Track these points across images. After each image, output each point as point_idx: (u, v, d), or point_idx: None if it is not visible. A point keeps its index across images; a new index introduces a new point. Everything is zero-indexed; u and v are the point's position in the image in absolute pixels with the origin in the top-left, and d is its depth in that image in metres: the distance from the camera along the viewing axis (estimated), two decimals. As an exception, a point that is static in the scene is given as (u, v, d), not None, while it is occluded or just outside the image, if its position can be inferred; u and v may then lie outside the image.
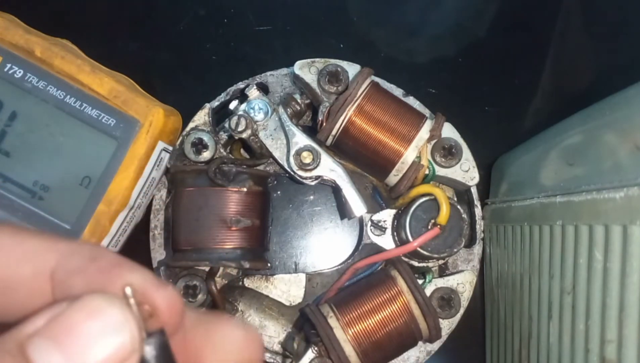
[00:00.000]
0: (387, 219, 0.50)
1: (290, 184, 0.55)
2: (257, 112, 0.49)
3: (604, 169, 0.36)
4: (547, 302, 0.41)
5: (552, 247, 0.41)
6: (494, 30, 0.59)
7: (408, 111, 0.49)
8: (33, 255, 0.22)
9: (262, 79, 0.53)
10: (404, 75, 0.55)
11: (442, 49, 0.59)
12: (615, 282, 0.33)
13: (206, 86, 0.55)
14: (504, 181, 0.53)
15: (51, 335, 0.19)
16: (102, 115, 0.46)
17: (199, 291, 0.48)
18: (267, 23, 0.58)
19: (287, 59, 0.52)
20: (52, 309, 0.20)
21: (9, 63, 0.45)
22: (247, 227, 0.48)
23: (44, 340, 0.19)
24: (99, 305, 0.20)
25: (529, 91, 0.59)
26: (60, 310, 0.20)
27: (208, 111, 0.51)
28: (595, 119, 0.40)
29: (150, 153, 0.47)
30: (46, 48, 0.46)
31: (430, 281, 0.49)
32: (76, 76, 0.46)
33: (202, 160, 0.49)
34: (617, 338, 0.32)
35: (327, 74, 0.49)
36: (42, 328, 0.20)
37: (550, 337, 0.40)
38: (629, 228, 0.32)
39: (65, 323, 0.19)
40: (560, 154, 0.43)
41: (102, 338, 0.19)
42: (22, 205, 0.45)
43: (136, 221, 0.50)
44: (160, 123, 0.47)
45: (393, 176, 0.49)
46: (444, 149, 0.49)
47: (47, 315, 0.20)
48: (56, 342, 0.19)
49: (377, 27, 0.59)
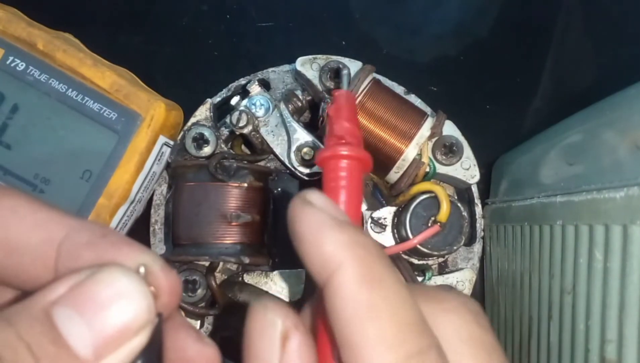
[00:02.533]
0: (387, 217, 0.50)
1: (291, 180, 0.55)
2: (259, 108, 0.49)
3: (604, 169, 0.36)
4: (547, 302, 0.41)
5: (553, 247, 0.41)
6: (496, 29, 0.59)
7: (409, 108, 0.49)
8: (45, 224, 0.23)
9: (263, 75, 0.53)
10: (406, 73, 0.55)
11: (443, 47, 0.59)
12: (615, 282, 0.33)
13: (208, 81, 0.55)
14: (504, 180, 0.53)
15: (74, 303, 0.20)
16: (104, 109, 0.46)
17: (199, 286, 0.48)
18: (269, 19, 0.58)
19: (289, 56, 0.52)
20: (72, 277, 0.21)
21: (11, 56, 0.45)
22: (247, 223, 0.48)
23: (68, 308, 0.20)
24: (120, 277, 0.21)
25: (530, 89, 0.59)
26: (81, 279, 0.21)
27: (209, 106, 0.51)
28: (596, 119, 0.40)
29: (152, 147, 0.47)
30: (48, 41, 0.46)
31: (429, 278, 0.50)
32: (78, 70, 0.46)
33: (203, 155, 0.49)
34: (617, 338, 0.32)
35: (329, 71, 0.49)
36: (64, 296, 0.20)
37: (551, 337, 0.40)
38: (629, 227, 0.32)
39: (88, 292, 0.20)
40: (561, 153, 0.43)
41: (121, 308, 0.20)
42: (23, 198, 0.45)
43: (136, 216, 0.50)
44: (162, 117, 0.47)
45: (394, 174, 0.49)
46: (445, 147, 0.49)
47: (69, 283, 0.21)
48: (80, 310, 0.20)
49: (379, 25, 0.59)
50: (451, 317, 0.24)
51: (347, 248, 0.22)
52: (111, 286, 0.20)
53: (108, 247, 0.22)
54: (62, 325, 0.20)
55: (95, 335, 0.20)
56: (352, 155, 0.27)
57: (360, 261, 0.22)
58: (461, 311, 0.24)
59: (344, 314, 0.22)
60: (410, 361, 0.21)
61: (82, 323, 0.20)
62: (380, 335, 0.21)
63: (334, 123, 0.29)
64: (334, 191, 0.27)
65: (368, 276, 0.22)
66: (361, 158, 0.28)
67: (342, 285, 0.22)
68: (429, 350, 0.21)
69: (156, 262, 0.22)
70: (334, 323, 0.22)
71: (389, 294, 0.22)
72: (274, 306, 0.23)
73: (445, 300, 0.25)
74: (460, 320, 0.24)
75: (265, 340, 0.23)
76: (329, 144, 0.28)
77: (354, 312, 0.21)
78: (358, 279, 0.22)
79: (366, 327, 0.21)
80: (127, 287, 0.20)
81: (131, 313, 0.20)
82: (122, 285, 0.20)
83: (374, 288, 0.22)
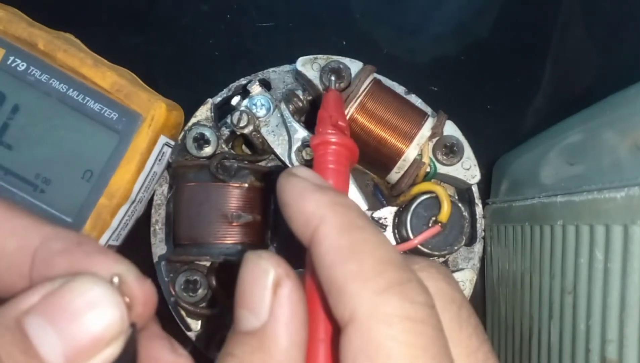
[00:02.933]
0: (388, 217, 0.50)
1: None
2: (259, 108, 0.49)
3: (605, 169, 0.36)
4: (547, 302, 0.41)
5: (553, 247, 0.41)
6: (496, 29, 0.59)
7: (410, 108, 0.49)
8: (21, 231, 0.23)
9: (264, 75, 0.53)
10: (406, 73, 0.55)
11: (444, 47, 0.59)
12: (616, 282, 0.33)
13: (208, 82, 0.55)
14: (505, 180, 0.53)
15: (46, 313, 0.20)
16: (104, 109, 0.46)
17: (200, 286, 0.48)
18: (269, 19, 0.58)
19: (290, 56, 0.52)
20: (45, 286, 0.21)
21: (11, 56, 0.45)
22: (248, 223, 0.48)
23: (40, 317, 0.20)
24: (93, 286, 0.21)
25: (530, 89, 0.59)
26: (54, 288, 0.20)
27: (210, 106, 0.51)
28: (596, 119, 0.40)
29: (152, 147, 0.47)
30: (49, 41, 0.46)
31: (430, 279, 0.49)
32: (79, 70, 0.46)
33: (204, 155, 0.49)
34: (618, 338, 0.32)
35: (330, 71, 0.49)
36: (37, 305, 0.20)
37: (551, 337, 0.40)
38: (629, 227, 0.32)
39: (60, 301, 0.20)
40: (561, 153, 0.43)
41: (94, 318, 0.20)
42: (24, 198, 0.45)
43: (137, 216, 0.50)
44: (163, 118, 0.47)
45: (394, 174, 0.49)
46: (446, 147, 0.49)
47: (42, 292, 0.20)
48: (51, 320, 0.20)
49: (380, 25, 0.59)
50: (420, 274, 0.24)
51: (327, 206, 0.24)
52: (84, 295, 0.20)
53: (83, 256, 0.22)
54: (33, 334, 0.19)
55: (66, 346, 0.20)
56: (336, 141, 0.32)
57: (340, 214, 0.23)
58: (430, 270, 0.25)
59: (327, 260, 0.23)
60: (390, 291, 0.21)
61: (53, 333, 0.20)
62: (361, 270, 0.22)
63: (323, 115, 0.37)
64: (321, 169, 0.32)
65: (348, 225, 0.23)
66: (345, 143, 0.33)
67: (324, 235, 0.23)
68: (409, 282, 0.22)
69: (130, 272, 0.22)
70: (320, 273, 0.23)
71: (368, 237, 0.23)
72: (268, 255, 0.24)
73: (415, 262, 0.26)
74: (429, 276, 0.25)
75: (258, 287, 0.24)
76: (317, 131, 0.36)
77: (335, 255, 0.22)
78: (339, 228, 0.23)
79: (347, 265, 0.22)
80: (100, 297, 0.20)
81: (104, 323, 0.20)
82: (95, 294, 0.20)
83: (354, 233, 0.23)
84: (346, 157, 0.33)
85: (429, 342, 0.21)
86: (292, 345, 0.23)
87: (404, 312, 0.21)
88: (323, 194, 0.24)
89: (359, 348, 0.21)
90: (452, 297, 0.25)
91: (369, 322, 0.21)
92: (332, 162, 0.32)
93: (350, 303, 0.21)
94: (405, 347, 0.21)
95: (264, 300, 0.23)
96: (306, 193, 0.24)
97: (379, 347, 0.21)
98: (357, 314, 0.21)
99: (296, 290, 0.24)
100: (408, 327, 0.21)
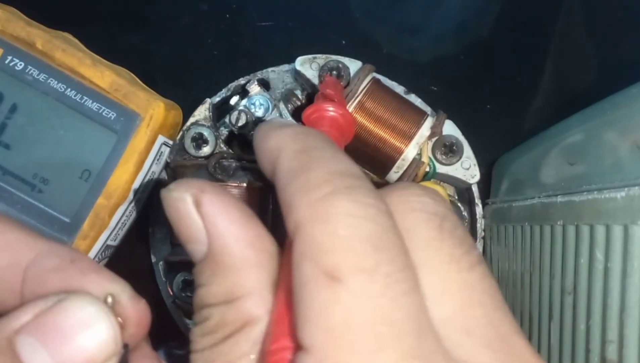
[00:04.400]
0: (387, 217, 0.50)
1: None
2: (258, 107, 0.49)
3: (605, 169, 0.36)
4: (547, 302, 0.41)
5: (553, 247, 0.41)
6: (496, 28, 0.59)
7: (409, 108, 0.49)
8: (13, 246, 0.22)
9: (263, 75, 0.52)
10: (406, 72, 0.55)
11: (444, 47, 0.59)
12: (616, 282, 0.33)
13: (207, 81, 0.55)
14: (505, 180, 0.53)
15: (38, 332, 0.20)
16: (103, 108, 0.46)
17: (198, 287, 0.48)
18: (268, 19, 0.58)
19: (289, 55, 0.52)
20: (38, 304, 0.20)
21: (9, 55, 0.45)
22: (246, 223, 0.47)
23: (32, 337, 0.19)
24: (87, 306, 0.20)
25: (530, 89, 0.58)
26: (46, 306, 0.20)
27: (209, 106, 0.51)
28: (597, 119, 0.40)
29: (151, 146, 0.46)
30: (47, 41, 0.46)
31: (429, 279, 0.49)
32: (77, 69, 0.46)
33: (202, 155, 0.49)
34: (618, 339, 0.32)
35: (329, 70, 0.49)
36: (29, 324, 0.20)
37: (551, 337, 0.40)
38: (630, 227, 0.32)
39: (52, 321, 0.20)
40: (561, 153, 0.43)
41: (86, 338, 0.20)
42: (22, 198, 0.45)
43: (135, 216, 0.50)
44: (161, 117, 0.46)
45: (393, 173, 0.49)
46: (445, 146, 0.49)
47: (34, 310, 0.20)
48: (43, 340, 0.19)
49: (379, 24, 0.59)
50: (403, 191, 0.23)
51: (287, 136, 0.23)
52: (77, 315, 0.20)
53: (76, 274, 0.22)
54: (25, 354, 0.19)
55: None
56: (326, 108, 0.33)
57: (299, 140, 0.23)
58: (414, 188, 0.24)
59: (282, 182, 0.22)
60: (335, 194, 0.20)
61: (46, 354, 0.19)
62: (308, 182, 0.20)
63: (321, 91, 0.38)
64: None
65: (306, 148, 0.22)
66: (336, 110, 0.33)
67: (281, 162, 0.22)
68: (358, 187, 0.20)
69: (125, 292, 0.22)
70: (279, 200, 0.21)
71: (324, 154, 0.22)
72: (175, 184, 0.23)
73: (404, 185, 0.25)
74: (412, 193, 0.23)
75: (183, 217, 0.22)
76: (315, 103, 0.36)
77: (288, 177, 0.21)
78: (295, 152, 0.22)
79: (296, 181, 0.21)
80: (93, 317, 0.20)
81: (97, 344, 0.20)
82: (88, 314, 0.20)
83: (310, 152, 0.22)
84: (337, 128, 0.32)
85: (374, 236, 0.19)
86: (246, 246, 0.22)
87: (347, 211, 0.19)
88: (285, 128, 0.24)
89: (301, 253, 0.19)
90: (435, 210, 0.23)
91: (310, 225, 0.19)
92: (321, 126, 0.31)
93: (294, 215, 0.20)
94: (344, 240, 0.19)
95: (195, 225, 0.22)
96: (270, 131, 0.24)
97: (319, 245, 0.19)
98: (300, 221, 0.20)
99: (217, 199, 0.22)
100: (350, 222, 0.19)
